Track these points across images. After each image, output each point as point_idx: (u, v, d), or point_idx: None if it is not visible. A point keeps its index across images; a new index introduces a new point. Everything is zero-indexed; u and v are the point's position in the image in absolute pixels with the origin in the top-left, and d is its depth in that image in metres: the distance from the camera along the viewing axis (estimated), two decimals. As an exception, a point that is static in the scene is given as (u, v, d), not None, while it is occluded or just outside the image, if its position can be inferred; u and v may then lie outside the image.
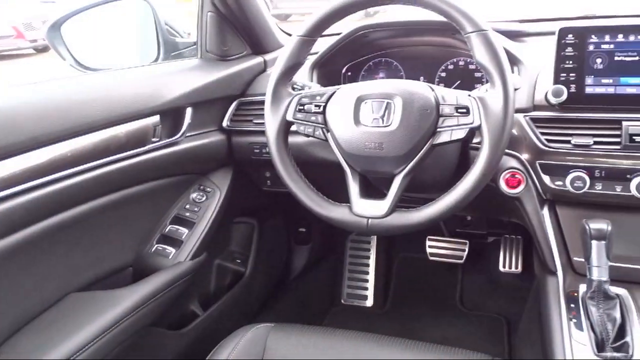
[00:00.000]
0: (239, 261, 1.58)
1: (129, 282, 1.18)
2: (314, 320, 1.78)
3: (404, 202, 0.94)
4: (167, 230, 1.27)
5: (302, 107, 0.97)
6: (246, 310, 1.59)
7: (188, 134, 1.23)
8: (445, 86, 1.24)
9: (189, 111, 1.22)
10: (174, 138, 1.20)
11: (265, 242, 1.65)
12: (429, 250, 1.79)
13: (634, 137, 0.95)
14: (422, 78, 1.29)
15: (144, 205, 1.21)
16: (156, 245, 1.25)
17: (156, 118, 1.19)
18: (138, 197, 1.17)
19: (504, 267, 1.72)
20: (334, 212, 0.95)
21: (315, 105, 0.97)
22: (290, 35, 1.48)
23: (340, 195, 0.98)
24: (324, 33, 1.00)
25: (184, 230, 1.27)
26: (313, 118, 0.97)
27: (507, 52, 1.08)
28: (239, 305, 1.54)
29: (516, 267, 1.71)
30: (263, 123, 1.01)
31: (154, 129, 1.21)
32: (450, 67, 1.28)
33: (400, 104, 0.89)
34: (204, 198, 1.32)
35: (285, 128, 0.99)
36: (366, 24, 1.24)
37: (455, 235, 1.79)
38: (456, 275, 1.90)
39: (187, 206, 1.30)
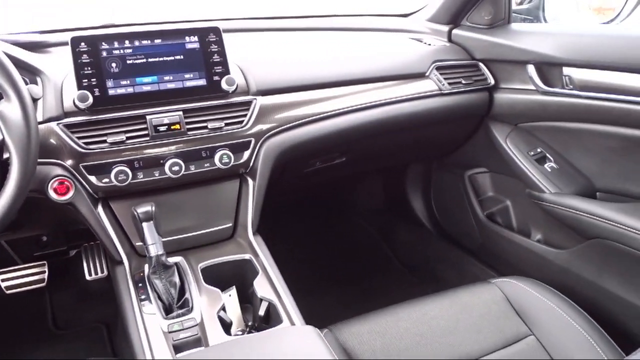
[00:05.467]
0: None
1: None
2: None
3: None
4: None
5: None
6: None
7: None
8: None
9: None
10: None
11: None
12: (2, 284, 1.63)
13: (158, 128, 1.10)
14: None
15: None
16: None
17: None
18: None
19: (90, 275, 1.73)
20: None
21: None
22: None
23: None
24: None
25: None
26: None
27: (25, 64, 1.08)
28: None
29: (102, 272, 1.74)
30: None
31: None
32: None
33: None
34: None
35: None
36: None
37: (34, 259, 1.69)
38: (44, 300, 1.80)
39: None
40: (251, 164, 1.19)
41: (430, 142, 1.75)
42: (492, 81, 1.55)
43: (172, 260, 1.05)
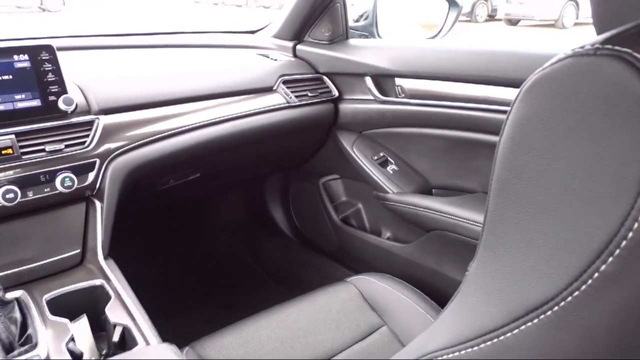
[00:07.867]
0: None
1: None
2: None
3: None
4: None
5: None
6: None
7: None
8: None
9: None
10: None
11: None
12: None
13: None
14: None
15: None
16: None
17: None
18: None
19: None
20: None
21: None
22: None
23: None
24: None
25: None
26: None
27: None
28: None
29: None
30: None
31: None
32: None
33: None
34: None
35: None
36: None
37: None
38: None
39: None
40: (97, 185, 1.15)
41: (283, 153, 1.81)
42: (336, 93, 1.66)
43: (11, 295, 0.97)
